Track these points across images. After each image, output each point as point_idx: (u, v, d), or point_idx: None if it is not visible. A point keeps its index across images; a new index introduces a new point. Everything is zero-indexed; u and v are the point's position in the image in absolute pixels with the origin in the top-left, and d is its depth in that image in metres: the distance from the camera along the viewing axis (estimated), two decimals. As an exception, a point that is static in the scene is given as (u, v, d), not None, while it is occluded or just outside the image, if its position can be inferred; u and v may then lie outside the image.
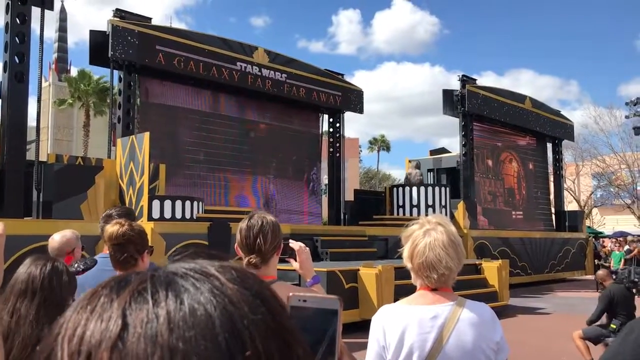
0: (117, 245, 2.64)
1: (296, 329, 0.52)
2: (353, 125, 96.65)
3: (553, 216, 25.18)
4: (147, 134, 11.99)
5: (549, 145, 25.73)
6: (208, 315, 0.47)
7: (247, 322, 0.48)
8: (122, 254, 2.65)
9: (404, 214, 18.19)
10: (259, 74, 16.37)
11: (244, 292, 0.51)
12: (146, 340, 0.46)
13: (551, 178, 25.68)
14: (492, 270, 13.93)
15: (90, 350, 0.46)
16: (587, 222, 37.63)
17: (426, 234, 2.12)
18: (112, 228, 2.67)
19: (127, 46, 13.52)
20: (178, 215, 11.96)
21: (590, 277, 21.36)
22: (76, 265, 3.50)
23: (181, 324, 0.46)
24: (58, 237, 3.85)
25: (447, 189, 18.60)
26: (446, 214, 17.99)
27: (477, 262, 14.37)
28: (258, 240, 2.33)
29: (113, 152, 13.44)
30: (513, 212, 22.84)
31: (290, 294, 0.92)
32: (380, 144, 65.94)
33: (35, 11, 11.66)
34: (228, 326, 0.47)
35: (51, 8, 12.01)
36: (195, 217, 12.26)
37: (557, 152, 25.74)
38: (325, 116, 19.38)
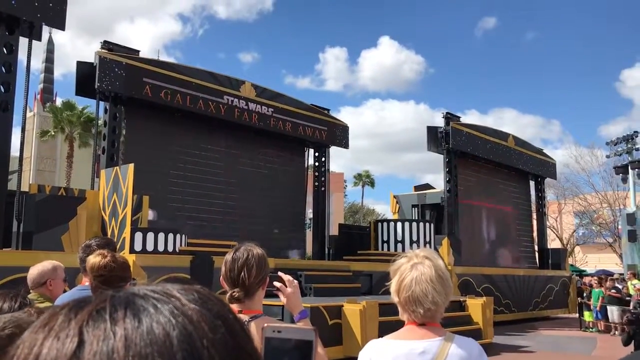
0: (99, 276, 2.58)
1: (256, 350, 0.54)
2: (339, 161, 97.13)
3: (536, 254, 25.28)
4: (131, 166, 11.92)
5: (532, 183, 26.00)
6: (166, 333, 0.48)
7: (207, 341, 0.49)
8: (104, 286, 2.59)
9: (388, 249, 18.16)
10: (246, 107, 16.46)
11: (205, 312, 0.52)
12: (102, 357, 0.46)
13: (534, 215, 25.86)
14: (476, 307, 13.88)
15: None
16: (570, 260, 37.81)
17: (413, 268, 2.10)
18: (94, 259, 2.62)
19: (114, 78, 13.55)
20: (160, 247, 11.82)
21: (574, 315, 21.36)
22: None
23: (138, 341, 0.47)
24: (36, 268, 3.77)
25: (431, 224, 18.64)
26: (430, 250, 17.97)
27: (461, 299, 14.33)
28: (242, 273, 2.29)
29: (96, 184, 13.32)
30: (497, 249, 22.89)
31: (265, 325, 0.91)
32: (365, 179, 66.19)
33: (23, 41, 11.67)
34: (187, 345, 0.48)
35: (39, 39, 12.05)
36: (177, 250, 12.12)
37: (540, 190, 25.99)
38: (311, 150, 19.46)
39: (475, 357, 2.12)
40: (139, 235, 11.53)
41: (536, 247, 25.50)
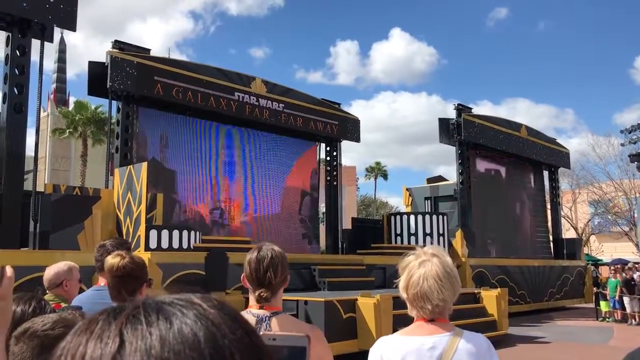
0: (117, 277, 2.63)
1: (267, 347, 0.61)
2: (351, 154, 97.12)
3: (551, 244, 25.14)
4: (145, 164, 12.02)
5: (545, 173, 25.83)
6: (194, 333, 0.55)
7: (227, 340, 0.57)
8: (122, 286, 2.64)
9: (402, 242, 18.15)
10: (257, 103, 16.50)
11: (223, 316, 0.59)
12: (142, 354, 0.53)
13: (548, 205, 25.71)
14: (490, 299, 13.85)
15: None
16: (585, 250, 37.54)
17: (421, 265, 2.13)
18: (113, 260, 2.66)
19: (125, 77, 13.64)
20: (175, 244, 11.92)
21: (590, 305, 21.24)
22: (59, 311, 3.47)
23: (171, 340, 0.55)
24: (52, 269, 3.83)
25: (445, 217, 18.59)
26: (444, 243, 17.97)
27: (475, 291, 14.31)
28: (268, 273, 2.33)
29: (110, 182, 13.45)
30: (511, 240, 22.79)
31: (261, 332, 0.97)
32: (377, 172, 66.07)
33: (35, 43, 11.80)
34: (211, 343, 0.56)
35: (51, 40, 12.16)
36: (192, 247, 12.22)
37: (554, 180, 25.82)
38: (323, 145, 19.48)
39: (484, 352, 2.15)
40: (153, 233, 11.64)
41: (551, 237, 25.35)
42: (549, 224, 25.46)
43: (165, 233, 11.84)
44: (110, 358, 0.53)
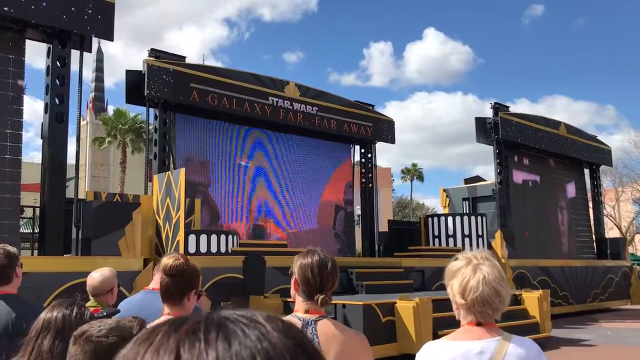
0: (170, 276, 2.67)
1: None
2: (386, 155, 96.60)
3: (594, 244, 24.52)
4: (182, 170, 12.18)
5: (586, 171, 25.23)
6: (252, 357, 0.53)
7: None
8: (173, 286, 2.67)
9: (439, 244, 17.96)
10: (291, 107, 16.56)
11: (287, 341, 0.56)
12: None
13: (590, 204, 25.10)
14: (532, 300, 13.59)
15: None
16: (630, 249, 36.51)
17: (477, 270, 2.09)
18: (167, 260, 2.71)
19: (162, 84, 13.85)
20: (213, 249, 12.05)
21: (637, 306, 20.63)
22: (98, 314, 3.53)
23: None
24: (98, 276, 3.89)
25: (484, 218, 18.30)
26: (483, 244, 17.71)
27: (516, 293, 14.04)
28: (329, 277, 2.39)
29: (149, 188, 13.66)
30: (552, 241, 22.32)
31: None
32: (413, 173, 65.60)
33: (74, 53, 12.07)
34: None
35: (89, 50, 12.43)
36: (230, 251, 12.32)
37: (595, 178, 25.20)
38: (357, 147, 19.43)
39: (534, 357, 2.10)
40: (192, 238, 11.78)
41: (593, 237, 24.73)
42: (591, 223, 24.83)
43: (203, 237, 11.98)
44: None
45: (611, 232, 35.59)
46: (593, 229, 24.78)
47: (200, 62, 19.18)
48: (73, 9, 11.53)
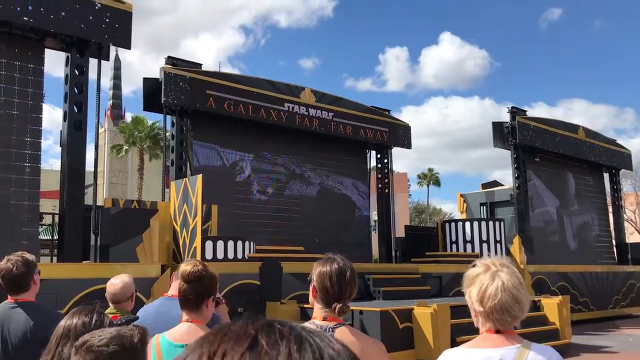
0: (188, 282, 2.67)
1: None
2: (403, 161, 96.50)
3: (614, 249, 24.18)
4: (199, 176, 12.24)
5: (606, 176, 24.92)
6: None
7: None
8: (191, 292, 2.67)
9: (457, 250, 17.82)
10: (306, 113, 16.59)
11: (348, 352, 0.63)
12: None
13: (610, 209, 24.76)
14: (552, 306, 13.43)
15: None
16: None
17: (495, 277, 2.06)
18: (186, 267, 2.72)
19: (179, 92, 13.95)
20: (230, 255, 12.08)
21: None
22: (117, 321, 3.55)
23: None
24: (118, 283, 3.90)
25: (502, 223, 18.14)
26: (502, 249, 17.55)
27: (535, 299, 13.89)
28: (348, 286, 2.40)
29: (167, 195, 13.75)
30: (571, 245, 22.06)
31: None
32: (430, 178, 65.30)
33: (92, 61, 12.22)
34: None
35: (107, 59, 12.57)
36: (247, 257, 12.35)
37: (615, 182, 24.87)
38: (373, 152, 19.39)
39: (554, 365, 2.07)
40: (209, 244, 11.83)
41: (614, 242, 24.39)
42: (611, 228, 24.50)
43: (220, 244, 12.02)
44: None
45: (632, 237, 35.10)
46: (613, 233, 24.45)
47: (217, 69, 19.31)
48: (91, 18, 11.67)
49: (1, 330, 3.22)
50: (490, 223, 18.04)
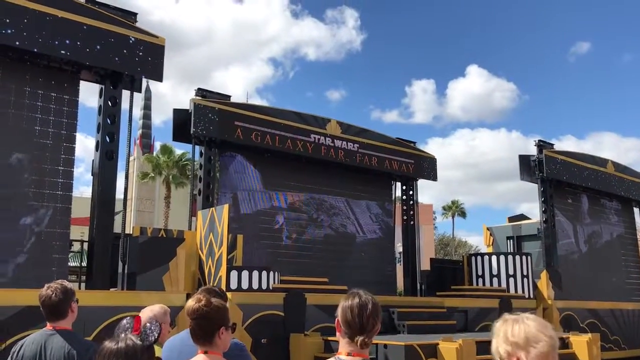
0: (194, 319, 2.70)
1: None
2: (430, 192, 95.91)
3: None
4: (226, 206, 12.37)
5: (636, 210, 24.45)
6: None
7: None
8: (198, 329, 2.69)
9: (483, 284, 17.57)
10: (332, 144, 16.71)
11: None
12: None
13: (640, 244, 24.23)
14: (581, 344, 13.12)
15: None
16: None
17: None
18: (190, 303, 2.73)
19: (207, 123, 14.21)
20: (255, 285, 12.11)
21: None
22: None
23: None
24: (146, 314, 3.95)
25: (530, 257, 17.87)
26: (529, 284, 17.27)
27: (564, 336, 13.59)
28: (371, 320, 2.43)
29: (193, 224, 13.90)
30: (600, 282, 21.58)
31: None
32: (455, 210, 64.74)
33: (125, 93, 12.54)
34: None
35: (139, 90, 12.89)
36: (271, 288, 12.36)
37: (646, 217, 24.38)
38: (398, 184, 19.37)
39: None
40: (234, 274, 11.88)
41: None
42: (643, 264, 23.92)
43: (245, 274, 12.06)
44: None
45: (664, 274, 34.11)
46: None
47: (244, 101, 19.65)
48: (125, 51, 12.03)
49: (39, 355, 3.30)
50: (517, 257, 17.79)
